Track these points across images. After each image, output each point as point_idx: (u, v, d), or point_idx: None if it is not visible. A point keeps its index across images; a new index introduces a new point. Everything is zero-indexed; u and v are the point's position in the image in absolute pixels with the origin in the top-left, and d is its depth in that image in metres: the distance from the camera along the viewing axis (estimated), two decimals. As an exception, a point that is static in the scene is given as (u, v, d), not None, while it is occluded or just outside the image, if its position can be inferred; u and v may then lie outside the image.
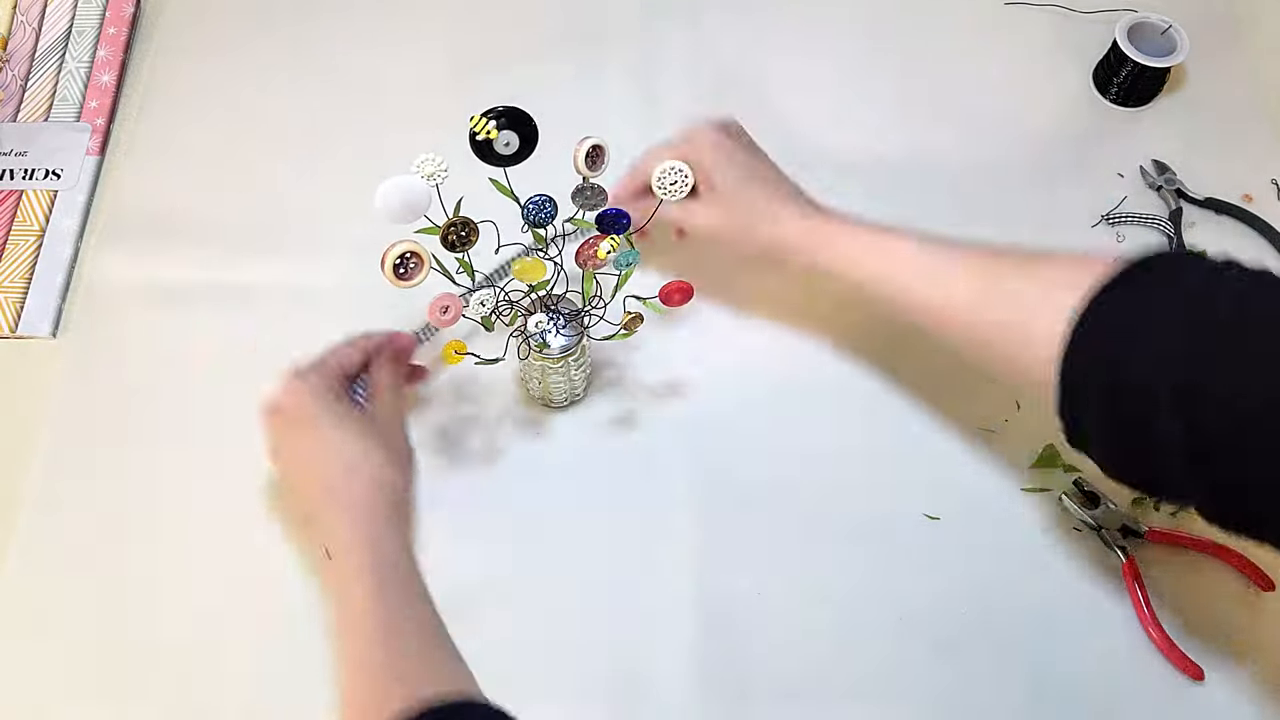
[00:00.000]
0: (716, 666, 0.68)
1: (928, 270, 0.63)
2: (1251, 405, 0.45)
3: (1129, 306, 0.51)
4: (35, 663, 0.68)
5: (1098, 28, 0.94)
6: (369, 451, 0.62)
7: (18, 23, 0.94)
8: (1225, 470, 0.47)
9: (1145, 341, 0.49)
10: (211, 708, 0.67)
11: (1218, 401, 0.46)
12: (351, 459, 0.61)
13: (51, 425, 0.76)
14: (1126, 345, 0.50)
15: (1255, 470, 0.45)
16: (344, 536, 0.59)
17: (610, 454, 0.75)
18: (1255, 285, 0.49)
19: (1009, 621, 0.69)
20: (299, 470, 0.64)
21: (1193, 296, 0.50)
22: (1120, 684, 0.67)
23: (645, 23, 0.95)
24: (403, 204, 0.55)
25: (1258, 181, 0.86)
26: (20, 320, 0.80)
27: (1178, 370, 0.47)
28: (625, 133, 0.87)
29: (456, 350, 0.63)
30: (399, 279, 0.57)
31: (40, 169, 0.86)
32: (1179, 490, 0.50)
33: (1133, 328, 0.50)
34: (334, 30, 0.95)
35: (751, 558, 0.71)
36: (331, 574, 0.60)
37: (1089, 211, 0.85)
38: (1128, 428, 0.50)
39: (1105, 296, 0.52)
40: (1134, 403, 0.49)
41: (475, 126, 0.56)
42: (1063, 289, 0.53)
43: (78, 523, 0.73)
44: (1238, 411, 0.45)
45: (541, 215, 0.61)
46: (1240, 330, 0.47)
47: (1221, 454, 0.46)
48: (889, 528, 0.72)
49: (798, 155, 0.87)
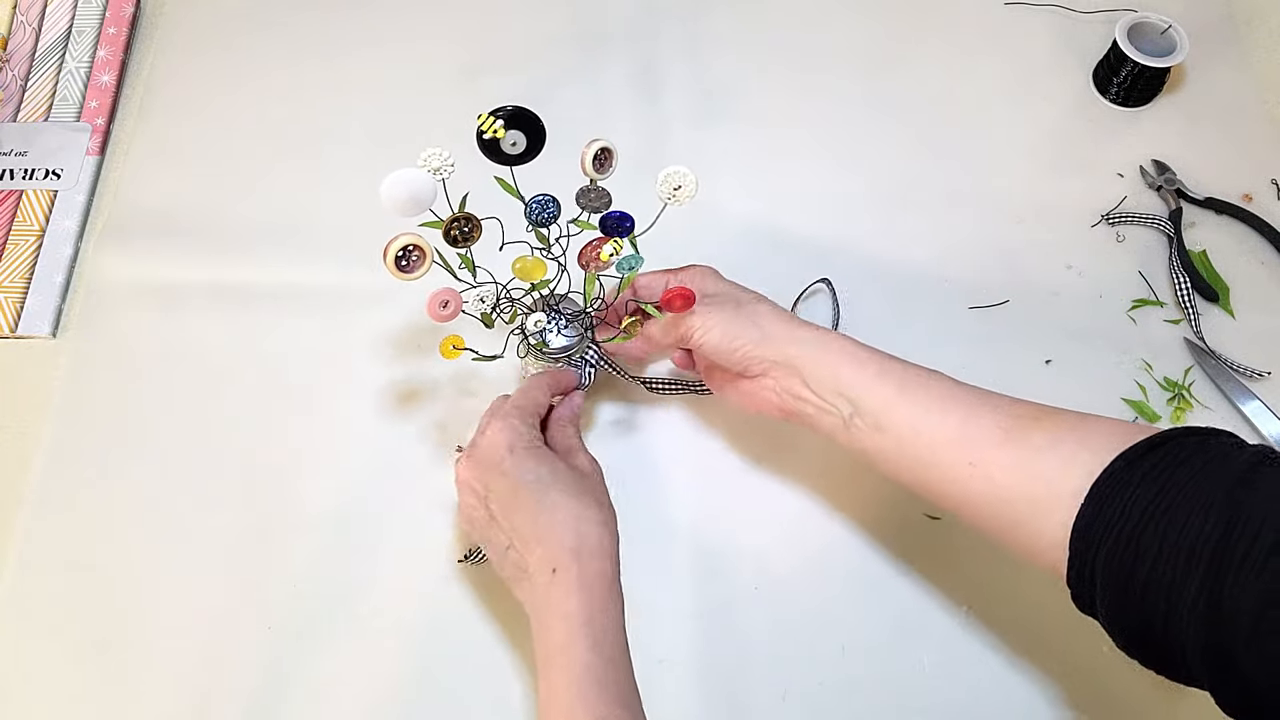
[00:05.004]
0: (718, 668, 0.68)
1: (951, 400, 0.57)
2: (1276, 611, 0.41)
3: (1156, 479, 0.47)
4: (35, 663, 0.68)
5: (1098, 28, 0.94)
6: (591, 514, 0.58)
7: (18, 23, 0.94)
8: (1247, 672, 0.43)
9: (1170, 521, 0.46)
10: (211, 708, 0.67)
11: (1240, 603, 0.42)
12: (575, 522, 0.57)
13: (51, 425, 0.76)
14: (1148, 521, 0.46)
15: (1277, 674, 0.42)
16: (559, 621, 0.55)
17: (611, 455, 0.75)
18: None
19: (1009, 622, 0.69)
20: (511, 531, 0.59)
21: (1228, 481, 0.46)
22: (1121, 683, 0.67)
23: (649, 23, 0.95)
24: (408, 196, 0.55)
25: (1258, 181, 0.87)
26: (20, 320, 0.80)
27: (1199, 564, 0.44)
28: (627, 133, 0.88)
29: (455, 345, 0.62)
30: (400, 271, 0.57)
31: (40, 169, 0.86)
32: (1193, 679, 0.47)
33: (1157, 502, 0.47)
34: (334, 30, 0.95)
35: (751, 557, 0.71)
36: (539, 651, 0.56)
37: (1089, 211, 0.85)
38: (1142, 608, 0.47)
39: (1130, 464, 0.49)
40: (1152, 585, 0.46)
41: (483, 125, 0.56)
42: (1090, 450, 0.50)
43: (78, 523, 0.72)
44: (1262, 612, 0.42)
45: (544, 215, 0.61)
46: (1275, 527, 0.43)
47: (1243, 657, 0.42)
48: (889, 528, 0.72)
49: (797, 154, 0.88)
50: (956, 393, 0.58)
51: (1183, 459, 0.48)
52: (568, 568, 0.56)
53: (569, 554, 0.56)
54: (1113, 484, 0.49)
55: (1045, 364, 0.78)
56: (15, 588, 0.70)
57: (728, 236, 0.83)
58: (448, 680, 0.67)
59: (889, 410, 0.58)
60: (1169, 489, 0.47)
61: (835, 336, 0.62)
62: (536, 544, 0.57)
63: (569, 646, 0.54)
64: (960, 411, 0.56)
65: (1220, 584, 0.43)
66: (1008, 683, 0.67)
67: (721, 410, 0.76)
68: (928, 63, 0.93)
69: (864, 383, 0.59)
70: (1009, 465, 0.54)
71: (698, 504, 0.73)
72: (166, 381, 0.78)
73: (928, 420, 0.57)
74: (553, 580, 0.56)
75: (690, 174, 0.62)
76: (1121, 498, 0.48)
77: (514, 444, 0.60)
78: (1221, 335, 0.79)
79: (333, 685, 0.67)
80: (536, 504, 0.58)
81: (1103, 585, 0.49)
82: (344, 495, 0.73)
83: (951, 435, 0.56)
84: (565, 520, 0.57)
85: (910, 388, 0.58)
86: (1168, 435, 0.49)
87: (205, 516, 0.73)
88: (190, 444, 0.75)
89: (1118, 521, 0.48)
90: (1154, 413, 0.76)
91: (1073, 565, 0.50)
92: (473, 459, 0.61)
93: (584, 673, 0.53)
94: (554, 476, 0.59)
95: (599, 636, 0.55)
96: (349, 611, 0.69)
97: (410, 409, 0.76)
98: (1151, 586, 0.46)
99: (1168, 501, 0.46)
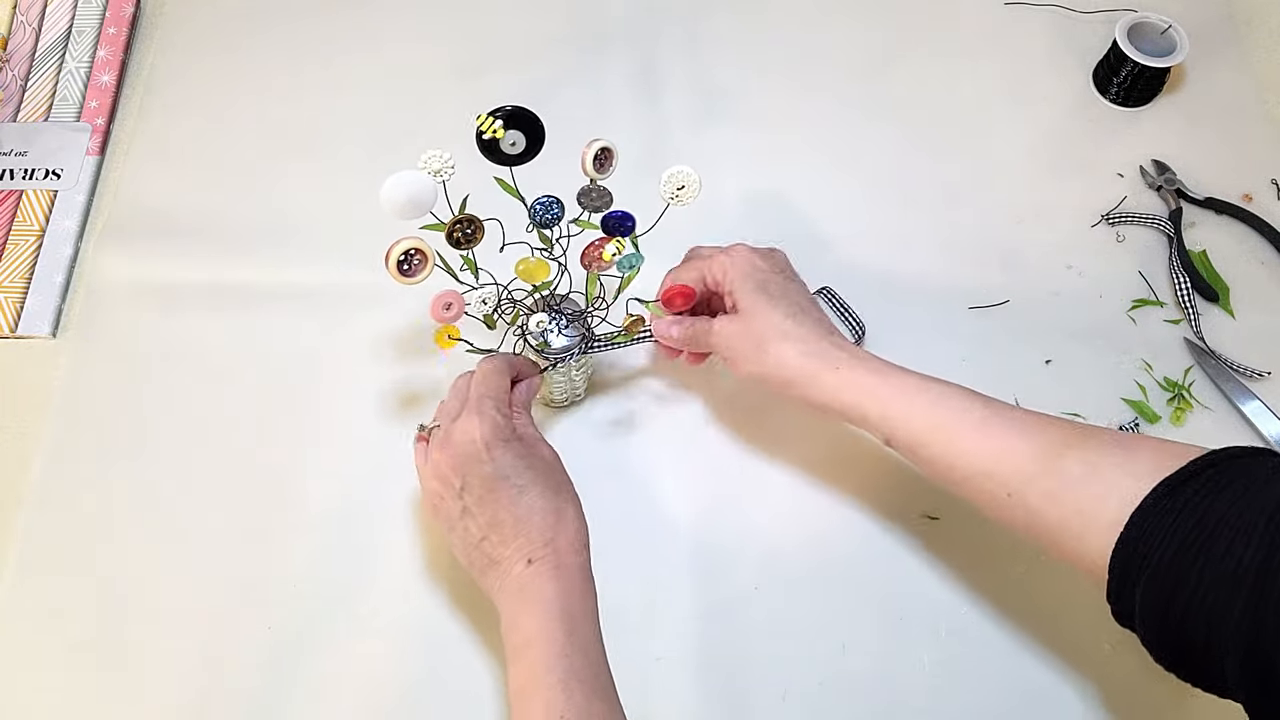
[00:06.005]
0: (718, 667, 0.68)
1: (982, 433, 0.57)
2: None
3: (1198, 505, 0.47)
4: (35, 662, 0.68)
5: (1098, 28, 0.94)
6: (566, 505, 0.59)
7: (18, 23, 0.94)
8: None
9: (1212, 547, 0.45)
10: (211, 708, 0.67)
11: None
12: (554, 514, 0.58)
13: (51, 425, 0.76)
14: (1190, 547, 0.46)
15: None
16: (534, 609, 0.55)
17: (610, 454, 0.75)
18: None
19: (1009, 622, 0.69)
20: (486, 523, 0.59)
21: (1270, 505, 0.45)
22: (1120, 684, 0.67)
23: (649, 24, 0.95)
24: (408, 199, 0.55)
25: (1258, 181, 0.87)
26: (20, 320, 0.80)
27: (1245, 584, 0.44)
28: (627, 134, 0.88)
29: (450, 334, 0.62)
30: (402, 275, 0.57)
31: (40, 169, 0.86)
32: (1229, 693, 0.46)
33: (1199, 529, 0.46)
34: (334, 30, 0.95)
35: (752, 557, 0.71)
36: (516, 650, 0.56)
37: (1089, 211, 0.85)
38: (1184, 629, 0.46)
39: (1172, 490, 0.48)
40: (1193, 609, 0.46)
41: (482, 125, 0.55)
42: (1130, 476, 0.50)
43: (78, 523, 0.72)
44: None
45: (549, 216, 0.61)
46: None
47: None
48: (890, 528, 0.72)
49: (797, 154, 0.88)
50: (990, 420, 0.57)
51: (1223, 485, 0.47)
52: (544, 558, 0.57)
53: (546, 545, 0.57)
54: (1153, 513, 0.48)
55: (1045, 364, 0.78)
56: (15, 588, 0.70)
57: (727, 236, 0.82)
58: (448, 680, 0.67)
59: (922, 446, 0.59)
60: (1209, 517, 0.46)
61: (857, 372, 0.61)
62: (514, 536, 0.58)
63: (544, 635, 0.54)
64: (993, 443, 0.56)
65: (1264, 609, 0.43)
66: (1008, 682, 0.67)
67: (722, 410, 0.76)
68: (928, 63, 0.93)
69: (892, 419, 0.60)
70: (1046, 495, 0.53)
71: (697, 503, 0.73)
72: (166, 381, 0.78)
73: (962, 456, 0.57)
74: (527, 570, 0.56)
75: (694, 174, 0.62)
76: (1161, 527, 0.47)
77: (492, 436, 0.59)
78: (1221, 335, 0.79)
79: (333, 685, 0.67)
80: (515, 497, 0.58)
81: (1142, 609, 0.49)
82: (344, 495, 0.73)
83: (987, 467, 0.56)
84: (543, 512, 0.58)
85: (941, 421, 0.58)
86: (1209, 461, 0.49)
87: (205, 516, 0.73)
88: (190, 444, 0.75)
89: (1157, 551, 0.47)
90: (1154, 413, 0.76)
91: (1111, 589, 0.50)
92: (448, 450, 0.60)
93: (560, 661, 0.53)
94: (531, 470, 0.59)
95: (574, 625, 0.55)
96: (349, 611, 0.69)
97: (410, 409, 0.76)
98: (1191, 613, 0.46)
99: (1208, 531, 0.46)
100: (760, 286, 0.65)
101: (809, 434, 0.76)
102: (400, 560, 0.71)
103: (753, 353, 0.64)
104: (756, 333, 0.64)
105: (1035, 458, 0.54)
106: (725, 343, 0.65)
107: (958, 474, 0.57)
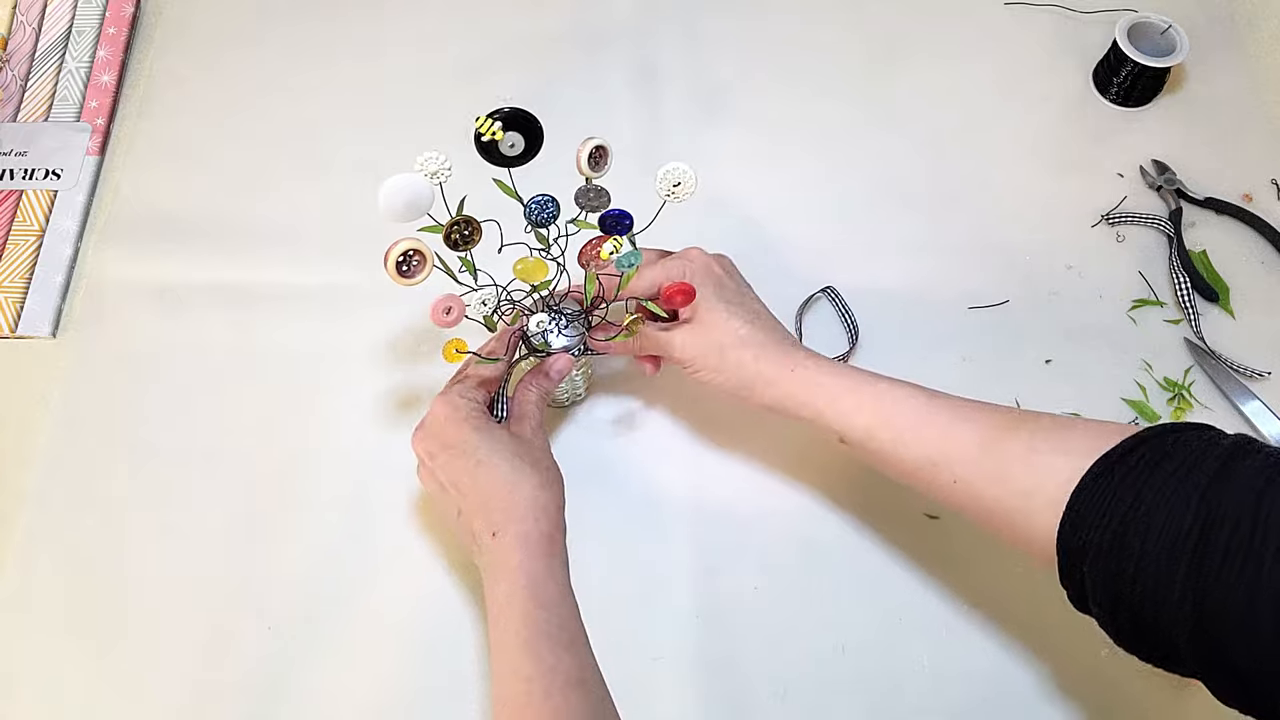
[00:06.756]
0: (716, 666, 0.68)
1: (926, 422, 0.59)
2: (1264, 601, 0.42)
3: (1134, 481, 0.48)
4: (35, 662, 0.68)
5: (1098, 28, 0.94)
6: (525, 475, 0.60)
7: (18, 23, 0.94)
8: (1238, 663, 0.43)
9: (1150, 521, 0.46)
10: (211, 708, 0.67)
11: (1224, 596, 0.43)
12: (510, 485, 0.60)
13: (51, 425, 0.76)
14: (1130, 522, 0.47)
15: (1270, 663, 0.42)
16: (503, 577, 0.57)
17: (610, 454, 0.75)
18: (1272, 470, 0.45)
19: (1009, 620, 0.69)
20: (457, 496, 0.61)
21: (1204, 477, 0.46)
22: (1118, 684, 0.67)
23: (649, 23, 0.95)
24: (406, 202, 0.55)
25: (1258, 181, 0.87)
26: (20, 320, 0.80)
27: (1184, 555, 0.44)
28: (627, 133, 0.88)
29: (458, 349, 0.63)
30: (401, 277, 0.57)
31: (40, 169, 0.86)
32: (1186, 669, 0.47)
33: (1137, 504, 0.47)
34: (334, 30, 0.95)
35: (751, 557, 0.71)
36: (489, 611, 0.58)
37: (1089, 211, 0.85)
38: (1132, 605, 0.47)
39: (1110, 468, 0.49)
40: (1139, 584, 0.46)
41: (480, 127, 0.55)
42: (1068, 455, 0.51)
43: (78, 522, 0.72)
44: (1249, 603, 0.42)
45: (544, 215, 0.61)
46: (1253, 517, 0.43)
47: (1232, 648, 0.43)
48: (889, 528, 0.72)
49: (797, 154, 0.88)
50: (934, 410, 0.59)
51: (1159, 459, 0.48)
52: (505, 529, 0.58)
53: (505, 516, 0.59)
54: (1092, 490, 0.49)
55: (1045, 364, 0.78)
56: (15, 587, 0.70)
57: (726, 235, 0.83)
58: (448, 680, 0.67)
59: (871, 439, 0.60)
60: (1146, 491, 0.47)
61: (810, 372, 0.63)
62: (479, 508, 0.60)
63: (512, 599, 0.56)
64: (937, 430, 0.58)
65: (1203, 579, 0.44)
66: (1008, 681, 0.67)
67: (722, 410, 0.76)
68: (928, 63, 0.93)
69: (842, 415, 0.61)
70: (990, 478, 0.55)
71: (696, 503, 0.73)
72: (166, 381, 0.78)
73: (907, 447, 0.59)
74: (494, 543, 0.58)
75: (689, 170, 0.62)
76: (1101, 504, 0.48)
77: (450, 415, 0.62)
78: (1221, 335, 0.79)
79: (333, 685, 0.67)
80: (473, 471, 0.60)
81: (1093, 588, 0.49)
82: (344, 495, 0.73)
83: (931, 455, 0.58)
84: (500, 484, 0.60)
85: (886, 413, 0.60)
86: (1144, 436, 0.50)
87: (205, 516, 0.73)
88: (190, 444, 0.75)
89: (1099, 526, 0.48)
90: (1154, 413, 0.76)
91: (1063, 569, 0.51)
92: (419, 431, 0.64)
93: (525, 623, 0.55)
94: (490, 443, 0.61)
95: (539, 589, 0.57)
96: (349, 611, 0.69)
97: (410, 409, 0.76)
98: (1139, 587, 0.46)
99: (1147, 504, 0.47)
100: (717, 293, 0.66)
101: (809, 434, 0.75)
102: (401, 559, 0.71)
103: (714, 360, 0.65)
104: (716, 341, 0.65)
105: (978, 443, 0.56)
106: (687, 354, 0.66)
107: (908, 464, 0.59)
